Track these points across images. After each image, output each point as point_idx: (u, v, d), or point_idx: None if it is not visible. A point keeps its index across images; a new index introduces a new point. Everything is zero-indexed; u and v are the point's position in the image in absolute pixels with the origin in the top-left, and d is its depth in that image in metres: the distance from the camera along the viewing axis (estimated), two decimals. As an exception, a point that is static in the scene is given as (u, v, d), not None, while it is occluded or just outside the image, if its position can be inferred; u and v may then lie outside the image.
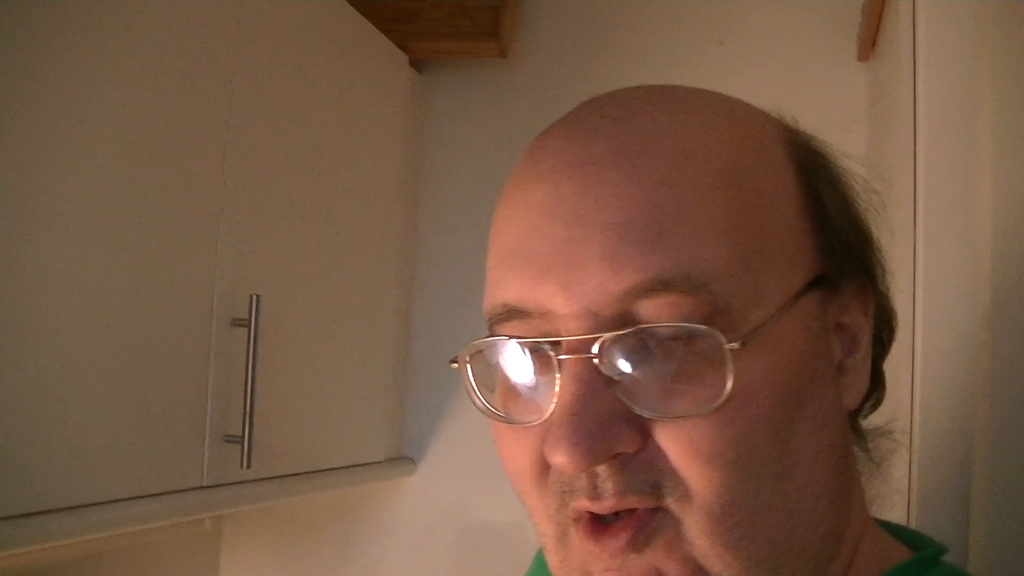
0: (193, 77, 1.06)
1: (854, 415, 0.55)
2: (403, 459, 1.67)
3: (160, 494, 1.01)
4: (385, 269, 1.57)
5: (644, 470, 0.46)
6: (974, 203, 0.90)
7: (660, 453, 0.46)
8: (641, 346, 0.45)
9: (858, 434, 0.56)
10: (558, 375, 0.46)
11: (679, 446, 0.45)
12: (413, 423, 1.68)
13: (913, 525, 0.88)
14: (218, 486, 1.10)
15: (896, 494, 0.92)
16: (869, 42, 1.49)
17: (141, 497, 0.98)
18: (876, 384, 0.56)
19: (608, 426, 0.45)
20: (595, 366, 0.45)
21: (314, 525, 1.74)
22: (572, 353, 0.46)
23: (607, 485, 0.46)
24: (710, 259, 0.45)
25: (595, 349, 0.45)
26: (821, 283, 0.50)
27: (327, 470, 1.38)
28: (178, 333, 1.05)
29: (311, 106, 1.32)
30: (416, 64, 1.68)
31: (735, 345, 0.44)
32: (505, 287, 0.48)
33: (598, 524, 0.47)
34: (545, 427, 0.46)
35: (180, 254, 1.05)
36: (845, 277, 0.51)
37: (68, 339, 0.89)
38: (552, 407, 0.46)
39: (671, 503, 0.46)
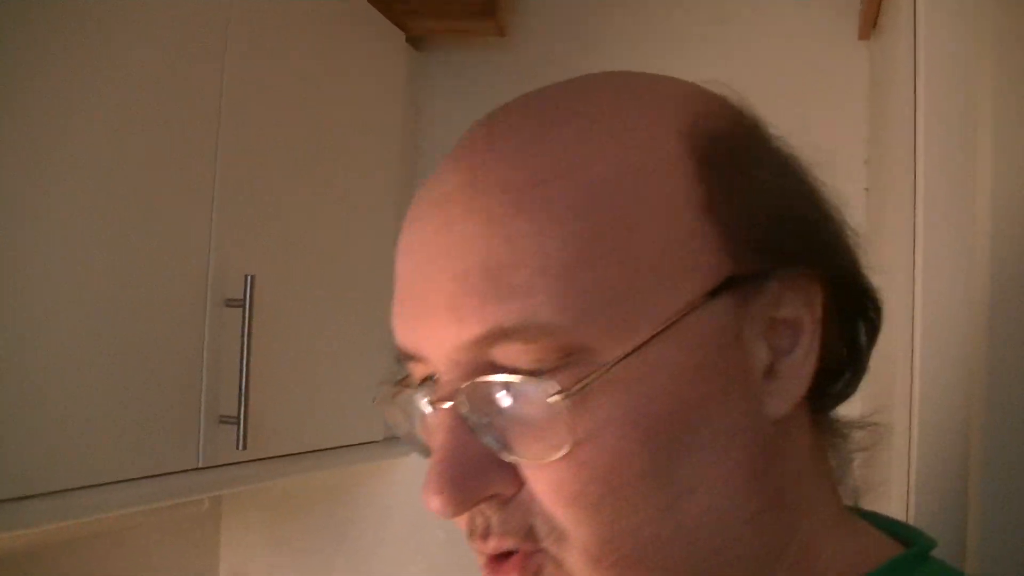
0: (186, 57, 1.05)
1: (817, 407, 0.51)
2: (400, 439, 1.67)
3: (155, 476, 1.01)
4: (380, 249, 1.55)
5: (520, 512, 0.46)
6: (975, 188, 0.89)
7: (533, 495, 0.46)
8: (498, 392, 0.45)
9: (823, 428, 0.52)
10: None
11: (544, 489, 0.45)
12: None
13: (911, 521, 0.87)
14: (214, 467, 1.10)
15: (880, 488, 0.92)
16: (870, 21, 1.47)
17: (136, 479, 0.98)
18: (850, 372, 0.52)
19: (473, 473, 0.45)
20: (459, 413, 0.46)
21: (313, 504, 1.74)
22: (438, 400, 0.46)
23: (492, 524, 0.46)
24: (551, 302, 0.43)
25: (455, 396, 0.46)
26: (734, 285, 0.46)
27: (323, 450, 1.38)
28: (172, 314, 1.04)
29: (307, 85, 1.31)
30: (413, 42, 1.67)
31: (574, 390, 0.43)
32: (395, 329, 0.50)
33: (493, 561, 0.47)
34: None
35: (173, 235, 1.04)
36: (776, 269, 0.46)
37: (61, 322, 0.88)
38: None
39: (548, 545, 0.46)
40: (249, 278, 1.11)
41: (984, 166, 0.88)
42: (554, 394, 0.43)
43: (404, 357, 0.50)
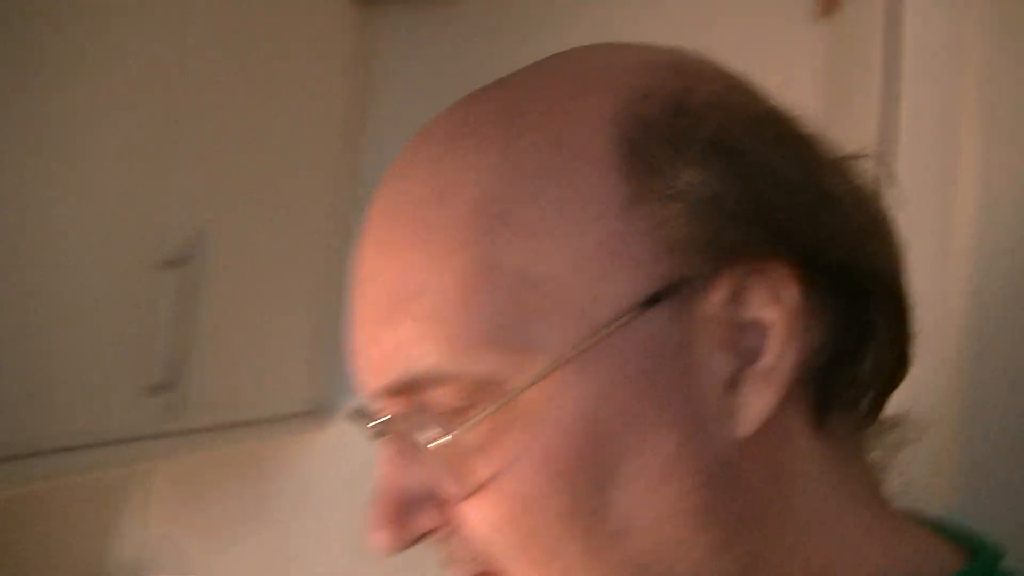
0: (129, 14, 0.99)
1: (826, 409, 0.43)
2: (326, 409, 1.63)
3: (87, 446, 0.96)
4: (324, 213, 1.51)
5: (472, 540, 0.44)
6: (957, 174, 0.87)
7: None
8: (423, 427, 0.42)
9: (841, 433, 0.44)
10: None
11: (472, 526, 0.42)
12: (344, 372, 1.63)
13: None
14: (145, 438, 1.05)
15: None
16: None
17: (69, 449, 0.93)
18: (872, 363, 0.44)
19: (408, 509, 0.43)
20: (396, 445, 0.44)
21: (232, 475, 1.68)
22: (378, 433, 0.45)
23: (448, 552, 0.45)
24: (442, 347, 0.40)
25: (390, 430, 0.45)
26: (670, 293, 0.40)
27: (257, 421, 1.33)
28: (107, 279, 0.98)
29: (251, 43, 1.25)
30: (360, 1, 1.61)
31: (454, 432, 0.41)
32: None
33: None
34: None
35: (113, 195, 0.98)
36: (726, 265, 0.40)
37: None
38: None
39: (508, 567, 0.43)
40: (193, 239, 1.05)
41: (969, 151, 0.86)
42: (446, 435, 0.41)
43: None
